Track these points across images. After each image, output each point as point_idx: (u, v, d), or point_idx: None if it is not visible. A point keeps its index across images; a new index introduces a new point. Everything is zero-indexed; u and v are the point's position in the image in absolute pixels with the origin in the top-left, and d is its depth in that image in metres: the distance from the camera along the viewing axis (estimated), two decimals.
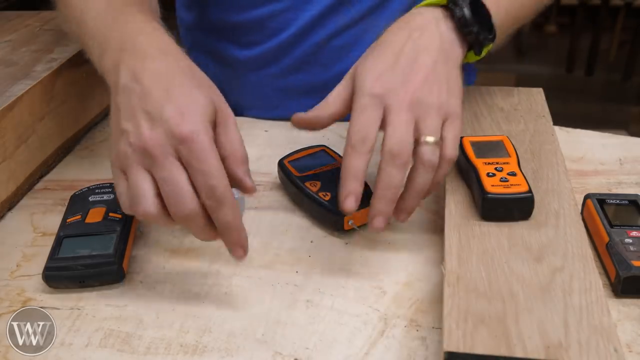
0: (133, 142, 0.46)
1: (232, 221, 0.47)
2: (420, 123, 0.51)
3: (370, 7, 0.77)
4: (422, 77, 0.52)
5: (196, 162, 0.45)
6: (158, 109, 0.46)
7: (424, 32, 0.55)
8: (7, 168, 0.63)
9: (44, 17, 0.90)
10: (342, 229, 0.58)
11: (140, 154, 0.46)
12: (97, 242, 0.55)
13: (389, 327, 0.49)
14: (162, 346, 0.48)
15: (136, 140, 0.46)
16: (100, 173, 0.70)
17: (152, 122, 0.46)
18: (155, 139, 0.46)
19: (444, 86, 0.53)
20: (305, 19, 0.77)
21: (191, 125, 0.46)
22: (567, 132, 0.75)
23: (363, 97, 0.51)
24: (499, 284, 0.46)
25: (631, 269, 0.49)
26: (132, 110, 0.47)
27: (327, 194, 0.59)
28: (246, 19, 0.79)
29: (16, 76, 0.69)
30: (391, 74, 0.52)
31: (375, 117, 0.51)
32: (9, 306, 0.52)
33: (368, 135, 0.50)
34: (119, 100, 0.49)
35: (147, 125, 0.46)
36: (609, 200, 0.57)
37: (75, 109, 0.76)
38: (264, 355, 0.47)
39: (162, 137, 0.46)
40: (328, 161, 0.65)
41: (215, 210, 0.46)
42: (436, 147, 0.51)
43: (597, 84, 2.82)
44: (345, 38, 0.79)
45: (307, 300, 0.52)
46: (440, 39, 0.55)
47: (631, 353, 0.46)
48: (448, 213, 0.54)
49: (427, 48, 0.54)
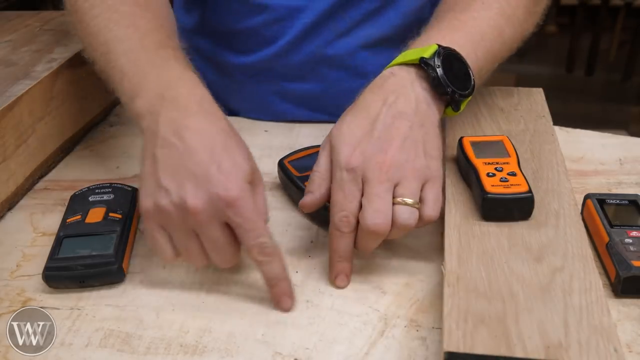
0: (176, 202, 0.48)
1: (281, 274, 0.50)
2: (398, 188, 0.51)
3: (364, 15, 0.77)
4: (399, 143, 0.52)
5: (245, 223, 0.48)
6: (204, 171, 0.48)
7: (399, 97, 0.54)
8: (7, 168, 0.63)
9: (44, 17, 0.90)
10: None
11: (183, 215, 0.48)
12: (97, 242, 0.55)
13: (389, 327, 0.49)
14: (162, 346, 0.48)
15: (179, 201, 0.47)
16: (100, 173, 0.70)
17: (197, 184, 0.47)
18: (200, 204, 0.47)
19: (420, 150, 0.52)
20: (299, 28, 0.77)
21: (237, 190, 0.47)
22: (567, 132, 0.75)
23: (341, 171, 0.51)
24: (499, 284, 0.46)
25: (631, 269, 0.49)
26: (174, 168, 0.48)
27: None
28: (241, 27, 0.79)
29: (16, 76, 0.69)
30: (367, 143, 0.52)
31: (355, 192, 0.51)
32: (9, 306, 0.52)
33: (349, 214, 0.51)
34: (158, 152, 0.50)
35: (192, 187, 0.47)
36: (609, 200, 0.57)
37: (75, 109, 0.76)
38: (264, 355, 0.47)
39: (206, 202, 0.47)
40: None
41: (267, 265, 0.49)
42: (414, 209, 0.51)
43: (597, 84, 2.82)
44: (341, 46, 0.79)
45: (307, 300, 0.52)
46: (415, 101, 0.54)
47: (631, 353, 0.46)
48: (448, 213, 0.54)
49: (402, 113, 0.53)
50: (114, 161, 0.73)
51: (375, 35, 0.79)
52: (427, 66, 0.54)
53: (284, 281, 0.50)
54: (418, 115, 0.54)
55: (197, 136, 0.49)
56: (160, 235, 0.50)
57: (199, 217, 0.47)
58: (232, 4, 0.78)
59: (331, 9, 0.76)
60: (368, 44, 0.79)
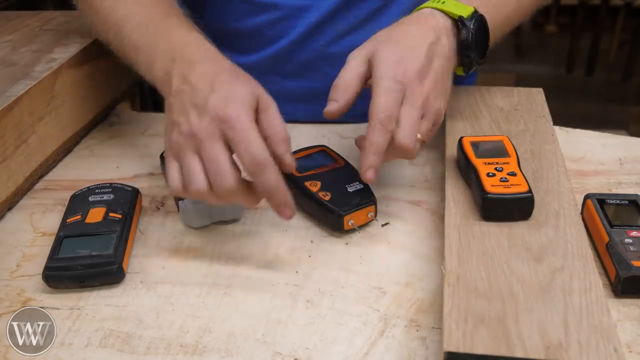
0: (184, 131, 0.52)
1: (275, 184, 0.51)
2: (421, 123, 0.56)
3: (368, 14, 0.77)
4: (434, 82, 0.57)
5: (238, 136, 0.50)
6: (204, 100, 0.52)
7: (440, 38, 0.59)
8: (7, 168, 0.64)
9: (44, 17, 0.90)
10: (342, 228, 0.58)
11: (190, 139, 0.51)
12: (97, 242, 0.55)
13: (389, 327, 0.49)
14: (162, 346, 0.48)
15: (187, 128, 0.52)
16: (100, 173, 0.71)
17: (200, 112, 0.51)
18: (202, 125, 0.51)
19: (443, 94, 0.58)
20: (303, 27, 0.77)
21: (233, 109, 0.51)
22: (567, 132, 0.75)
23: (388, 79, 0.55)
24: (499, 284, 0.46)
25: (631, 269, 0.49)
26: (182, 106, 0.53)
27: (327, 193, 0.59)
28: (244, 27, 0.79)
29: (16, 76, 0.69)
30: (411, 67, 0.56)
31: (399, 100, 0.55)
32: (9, 306, 0.52)
33: (393, 114, 0.54)
34: (171, 101, 0.54)
35: (196, 115, 0.52)
36: (609, 200, 0.57)
37: (75, 109, 0.76)
38: (264, 355, 0.47)
39: (208, 123, 0.51)
40: (328, 161, 0.65)
41: (258, 176, 0.50)
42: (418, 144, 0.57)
43: (597, 84, 2.82)
44: (344, 45, 0.79)
45: (307, 300, 0.52)
46: (449, 49, 0.60)
47: (631, 353, 0.46)
48: (448, 213, 0.54)
49: (440, 55, 0.58)
50: (114, 161, 0.73)
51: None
52: (463, 26, 0.60)
53: (279, 191, 0.51)
54: (448, 62, 0.60)
55: (201, 77, 0.54)
56: (172, 167, 0.53)
57: (200, 136, 0.51)
58: (235, 3, 0.78)
59: (336, 8, 0.76)
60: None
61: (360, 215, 0.58)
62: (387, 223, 0.61)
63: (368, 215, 0.59)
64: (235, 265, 0.56)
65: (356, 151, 0.72)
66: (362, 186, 0.60)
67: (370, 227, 0.60)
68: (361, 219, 0.58)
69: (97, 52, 0.81)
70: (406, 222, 0.61)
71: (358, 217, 0.58)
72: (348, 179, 0.61)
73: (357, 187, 0.60)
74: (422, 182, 0.67)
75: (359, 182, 0.60)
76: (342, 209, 0.57)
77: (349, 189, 0.59)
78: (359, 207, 0.58)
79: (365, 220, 0.59)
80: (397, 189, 0.66)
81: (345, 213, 0.57)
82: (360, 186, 0.60)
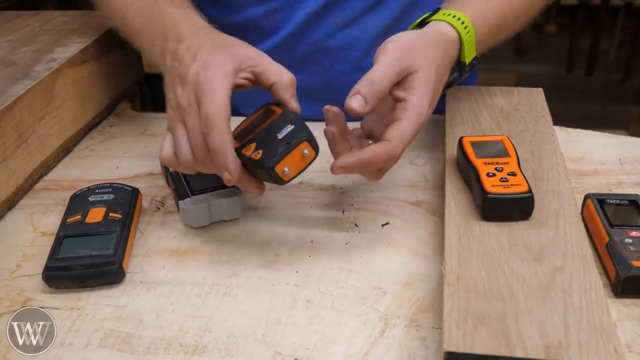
0: (172, 105, 0.54)
1: (218, 145, 0.50)
2: None
3: (366, 6, 0.77)
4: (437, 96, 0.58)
5: (203, 97, 0.51)
6: (186, 71, 0.54)
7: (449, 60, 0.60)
8: (7, 168, 0.63)
9: (44, 17, 0.90)
10: (281, 181, 0.51)
11: (178, 111, 0.54)
12: (97, 242, 0.55)
13: (389, 327, 0.49)
14: (162, 346, 0.48)
15: (174, 102, 0.54)
16: (100, 173, 0.71)
17: (184, 84, 0.54)
18: (184, 95, 0.53)
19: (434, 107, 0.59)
20: (300, 18, 0.77)
21: (207, 75, 0.52)
22: (567, 132, 0.75)
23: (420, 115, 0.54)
24: (499, 284, 0.46)
25: (631, 269, 0.49)
26: (172, 81, 0.55)
27: (259, 152, 0.52)
28: (241, 19, 0.79)
29: (16, 76, 0.69)
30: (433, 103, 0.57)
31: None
32: (9, 306, 0.52)
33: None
34: (166, 80, 0.57)
35: (180, 88, 0.54)
36: (609, 200, 0.57)
37: (75, 109, 0.76)
38: (264, 355, 0.47)
39: (188, 92, 0.53)
40: (266, 118, 0.55)
41: (207, 136, 0.51)
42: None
43: (597, 84, 2.82)
44: (342, 38, 0.79)
45: (307, 300, 0.52)
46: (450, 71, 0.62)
47: (631, 353, 0.46)
48: (448, 213, 0.54)
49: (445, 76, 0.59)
50: (114, 161, 0.73)
51: (377, 26, 0.79)
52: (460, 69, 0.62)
53: (220, 153, 0.50)
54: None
55: (186, 51, 0.55)
56: (167, 139, 0.55)
57: (183, 106, 0.53)
58: None
59: (333, 0, 0.76)
60: (370, 35, 0.79)
61: (293, 158, 0.51)
62: (387, 223, 0.61)
63: (303, 155, 0.51)
64: (235, 265, 0.56)
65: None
66: (292, 126, 0.52)
67: (370, 227, 0.60)
68: (297, 163, 0.51)
69: (97, 52, 0.81)
70: (406, 222, 0.61)
71: (292, 162, 0.51)
72: (280, 126, 0.52)
73: (287, 129, 0.52)
74: (422, 182, 0.67)
75: (290, 123, 0.52)
76: (270, 160, 0.50)
77: (279, 136, 0.51)
78: (288, 150, 0.50)
79: (302, 162, 0.51)
80: (397, 189, 0.66)
81: (274, 164, 0.50)
82: (291, 127, 0.52)
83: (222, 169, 0.51)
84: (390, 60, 0.54)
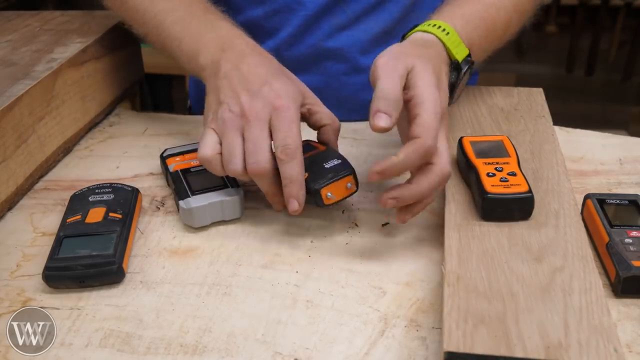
0: (233, 109, 0.57)
1: (294, 176, 0.55)
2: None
3: (365, 8, 0.78)
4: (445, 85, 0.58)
5: (282, 124, 0.55)
6: (258, 88, 0.57)
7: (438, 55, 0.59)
8: (7, 168, 0.63)
9: (44, 17, 0.90)
10: (323, 204, 0.57)
11: (240, 118, 0.56)
12: (97, 242, 0.55)
13: (389, 327, 0.49)
14: (162, 346, 0.48)
15: (236, 108, 0.56)
16: (100, 173, 0.71)
17: (252, 96, 0.57)
18: (253, 106, 0.56)
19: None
20: (299, 19, 0.77)
21: (285, 100, 0.56)
22: (567, 132, 0.75)
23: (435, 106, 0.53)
24: (499, 284, 0.46)
25: (631, 269, 0.49)
26: (233, 88, 0.58)
27: (306, 174, 0.57)
28: (241, 21, 0.79)
29: (16, 76, 0.69)
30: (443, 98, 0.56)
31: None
32: (9, 306, 0.52)
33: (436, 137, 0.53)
34: (219, 83, 0.59)
35: (247, 98, 0.57)
36: (609, 200, 0.57)
37: (75, 109, 0.76)
38: (264, 355, 0.47)
39: (259, 107, 0.56)
40: (310, 150, 0.62)
41: (286, 164, 0.55)
42: None
43: (597, 84, 2.82)
44: (342, 40, 0.79)
45: (307, 300, 0.52)
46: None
47: (631, 353, 0.46)
48: (448, 213, 0.54)
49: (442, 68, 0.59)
50: (114, 161, 0.73)
51: (376, 28, 0.79)
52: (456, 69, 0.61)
53: (295, 183, 0.55)
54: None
55: (252, 68, 0.59)
56: (211, 135, 0.57)
57: (250, 116, 0.56)
58: None
59: (333, 1, 0.76)
60: (369, 37, 0.79)
61: (338, 187, 0.57)
62: (387, 223, 0.61)
63: (347, 187, 0.58)
64: (235, 265, 0.56)
65: (356, 149, 0.72)
66: (340, 161, 0.59)
67: (370, 227, 0.60)
68: (340, 191, 0.58)
69: (98, 52, 0.81)
70: (406, 222, 0.60)
71: (336, 190, 0.57)
72: (327, 159, 0.60)
73: (335, 162, 0.59)
74: None
75: (336, 158, 0.60)
76: (317, 183, 0.57)
77: (326, 166, 0.59)
78: (335, 178, 0.57)
79: (345, 192, 0.58)
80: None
81: (320, 186, 0.57)
82: (338, 161, 0.59)
83: (292, 198, 0.55)
84: (389, 71, 0.53)
